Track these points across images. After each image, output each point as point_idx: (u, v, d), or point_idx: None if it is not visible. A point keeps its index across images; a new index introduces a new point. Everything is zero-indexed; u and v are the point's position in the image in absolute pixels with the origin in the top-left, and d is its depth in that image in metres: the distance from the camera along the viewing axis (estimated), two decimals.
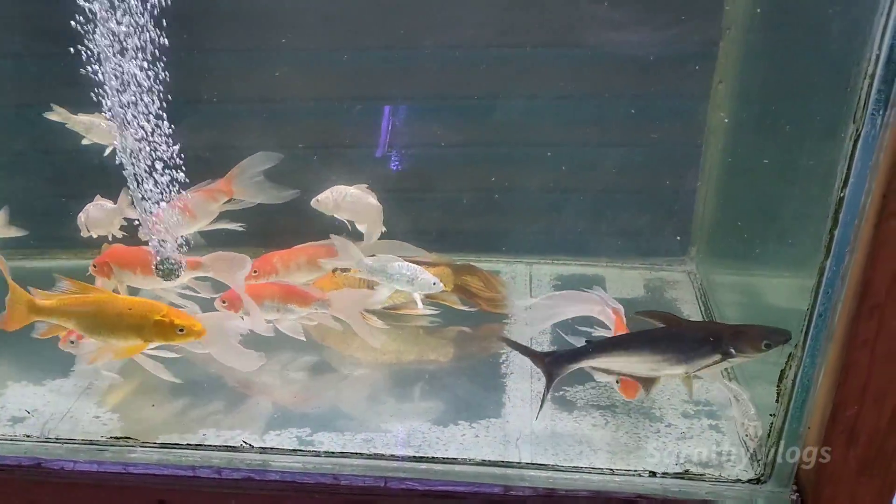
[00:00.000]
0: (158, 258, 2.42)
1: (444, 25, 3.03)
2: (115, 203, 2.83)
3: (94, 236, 2.88)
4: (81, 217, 2.86)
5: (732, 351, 2.10)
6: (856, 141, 1.70)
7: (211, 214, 2.78)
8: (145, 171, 2.41)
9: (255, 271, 2.79)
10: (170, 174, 2.44)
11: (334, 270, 2.92)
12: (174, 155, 2.43)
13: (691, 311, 2.97)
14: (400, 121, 3.24)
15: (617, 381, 2.39)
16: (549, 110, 3.14)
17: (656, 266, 3.26)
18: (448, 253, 3.07)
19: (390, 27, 3.03)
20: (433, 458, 2.28)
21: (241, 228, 2.80)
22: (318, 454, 2.30)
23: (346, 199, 2.85)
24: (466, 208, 3.36)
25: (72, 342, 2.55)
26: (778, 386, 2.06)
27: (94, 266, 2.68)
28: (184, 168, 2.45)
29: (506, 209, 3.33)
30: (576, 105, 3.10)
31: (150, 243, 2.51)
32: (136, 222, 2.67)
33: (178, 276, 2.45)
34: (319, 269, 2.96)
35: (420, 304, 2.79)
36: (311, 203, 2.83)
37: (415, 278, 2.65)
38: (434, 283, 2.65)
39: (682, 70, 2.96)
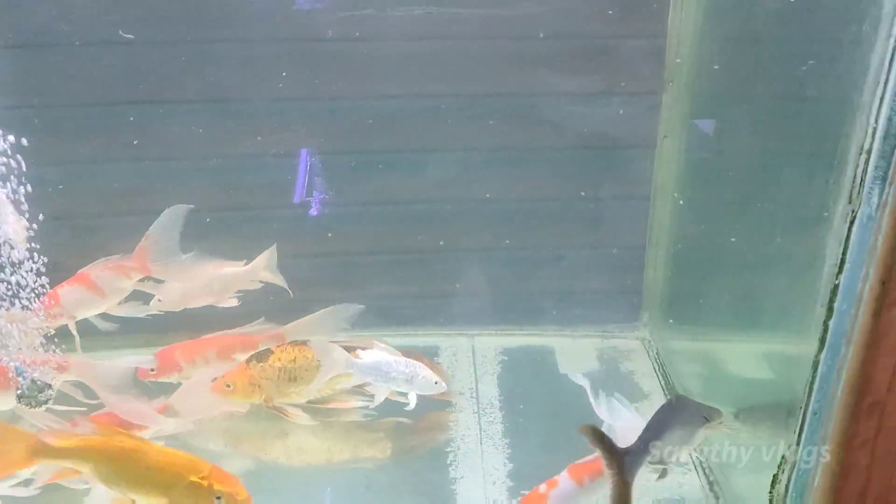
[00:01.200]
0: (22, 381, 1.99)
1: (373, 74, 2.75)
2: None
3: None
4: None
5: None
6: (851, 222, 1.50)
7: (122, 292, 2.45)
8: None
9: (151, 370, 2.47)
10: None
11: (248, 360, 2.55)
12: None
13: (651, 384, 2.72)
14: (319, 171, 2.92)
15: None
16: (488, 164, 2.87)
17: (607, 333, 3.01)
18: (379, 327, 2.74)
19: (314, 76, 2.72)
20: None
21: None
22: None
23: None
24: (397, 273, 3.03)
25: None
26: (770, 492, 1.83)
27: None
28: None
29: (442, 274, 3.02)
30: (516, 158, 2.85)
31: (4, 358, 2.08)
32: None
33: (47, 403, 2.03)
34: (232, 363, 2.63)
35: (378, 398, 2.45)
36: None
37: (414, 377, 2.35)
38: (436, 383, 2.36)
39: (627, 123, 2.77)
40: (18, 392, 2.01)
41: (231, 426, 2.55)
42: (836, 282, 1.55)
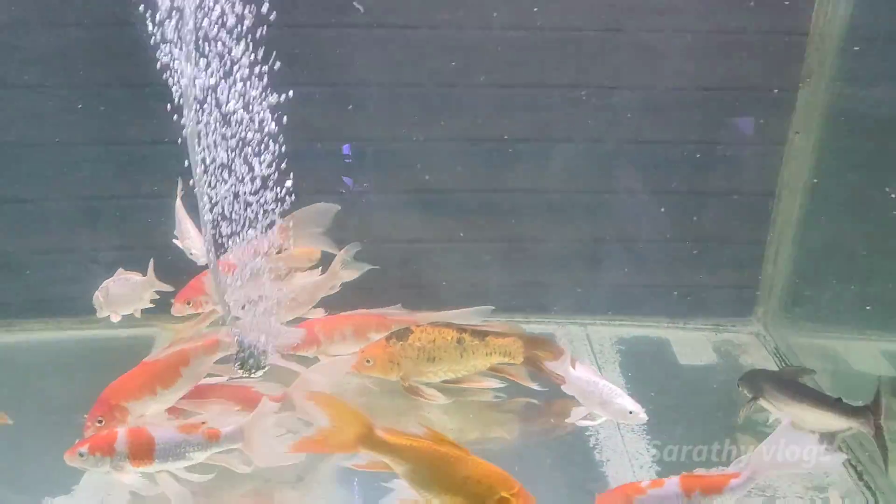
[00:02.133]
0: (239, 349, 1.95)
1: (484, 62, 2.75)
2: (144, 275, 2.41)
3: (115, 318, 2.45)
4: (99, 296, 2.39)
5: None
6: None
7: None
8: None
9: None
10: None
11: (389, 338, 2.59)
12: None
13: None
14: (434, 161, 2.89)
15: None
16: (609, 155, 2.87)
17: (720, 327, 3.03)
18: (493, 313, 2.66)
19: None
20: None
21: None
22: None
23: None
24: (512, 261, 3.03)
25: (81, 454, 2.01)
26: None
27: None
28: None
29: (558, 263, 3.03)
30: (639, 151, 2.86)
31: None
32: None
33: (262, 370, 2.00)
34: (367, 341, 2.64)
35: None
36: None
37: (609, 402, 2.26)
38: (630, 412, 2.25)
39: (756, 117, 2.79)
40: (237, 359, 1.98)
41: (367, 402, 2.54)
42: None
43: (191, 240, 2.53)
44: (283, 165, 2.16)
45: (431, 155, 2.85)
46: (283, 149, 2.14)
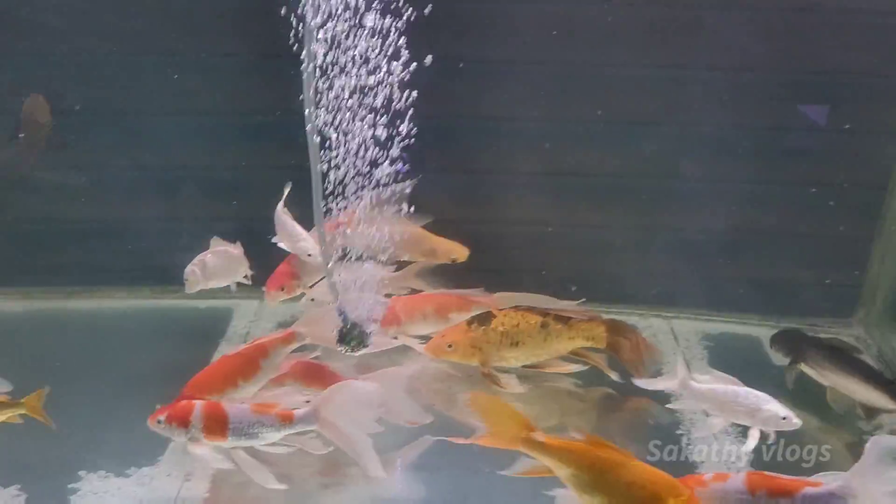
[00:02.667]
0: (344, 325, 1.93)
1: (593, 44, 2.64)
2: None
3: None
4: (195, 270, 2.41)
5: None
6: None
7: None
8: None
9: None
10: None
11: (470, 323, 2.53)
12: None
13: None
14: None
15: None
16: (705, 139, 2.73)
17: (816, 327, 2.83)
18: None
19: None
20: None
21: None
22: None
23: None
24: (593, 249, 2.92)
25: (159, 422, 2.01)
26: None
27: None
28: None
29: (642, 252, 2.90)
30: (738, 135, 2.70)
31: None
32: None
33: (366, 347, 1.97)
34: (447, 321, 2.58)
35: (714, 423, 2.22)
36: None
37: (757, 410, 2.07)
38: (784, 419, 2.06)
39: (873, 105, 2.63)
40: (339, 333, 1.96)
41: (445, 388, 2.49)
42: None
43: (305, 241, 2.48)
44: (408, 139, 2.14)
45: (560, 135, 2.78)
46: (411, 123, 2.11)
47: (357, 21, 1.97)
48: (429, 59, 2.03)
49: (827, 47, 2.57)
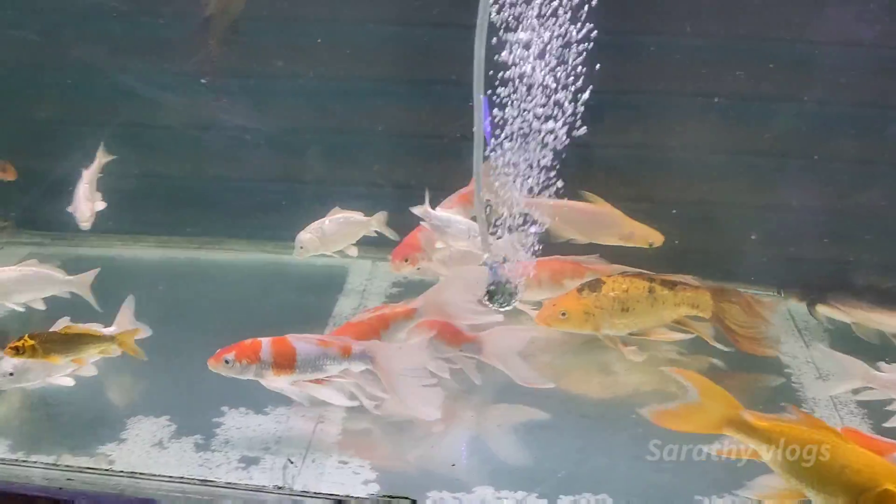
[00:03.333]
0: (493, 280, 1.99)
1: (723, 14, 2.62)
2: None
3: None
4: (311, 237, 2.53)
5: None
6: None
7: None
8: None
9: None
10: None
11: (581, 290, 2.53)
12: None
13: None
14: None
15: None
16: (848, 117, 2.68)
17: None
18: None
19: None
20: None
21: None
22: None
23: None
24: (713, 225, 2.87)
25: (227, 361, 2.05)
26: None
27: None
28: None
29: (768, 229, 2.84)
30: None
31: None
32: None
33: (511, 306, 2.04)
34: (561, 288, 2.62)
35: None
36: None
37: None
38: None
39: None
40: (489, 289, 2.04)
41: (553, 360, 2.49)
42: None
43: (458, 224, 2.53)
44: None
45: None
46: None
47: None
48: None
49: None
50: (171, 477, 1.92)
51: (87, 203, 2.61)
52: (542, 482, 1.96)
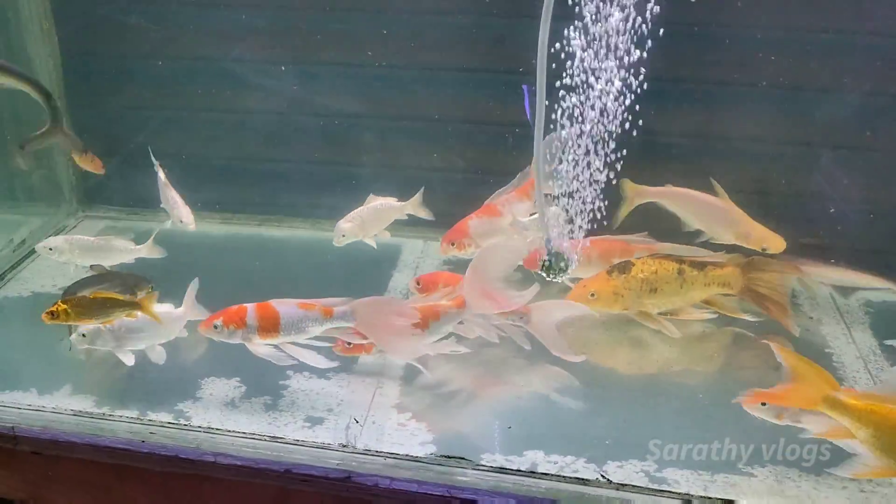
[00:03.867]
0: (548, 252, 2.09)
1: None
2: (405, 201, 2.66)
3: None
4: (350, 225, 2.65)
5: None
6: None
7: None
8: None
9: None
10: None
11: (610, 271, 2.59)
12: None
13: None
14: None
15: None
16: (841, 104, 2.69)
17: None
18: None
19: None
20: None
21: None
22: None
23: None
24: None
25: (216, 326, 2.16)
26: None
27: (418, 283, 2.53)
28: None
29: (809, 214, 2.87)
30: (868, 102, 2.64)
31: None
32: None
33: (564, 274, 2.14)
34: (610, 265, 2.63)
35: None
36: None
37: None
38: None
39: None
40: (544, 261, 2.14)
41: (581, 334, 2.55)
42: None
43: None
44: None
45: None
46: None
47: None
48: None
49: None
50: (243, 433, 2.09)
51: (185, 207, 2.78)
52: (591, 448, 2.08)
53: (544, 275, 2.30)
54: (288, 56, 3.02)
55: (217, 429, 2.10)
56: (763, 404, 1.99)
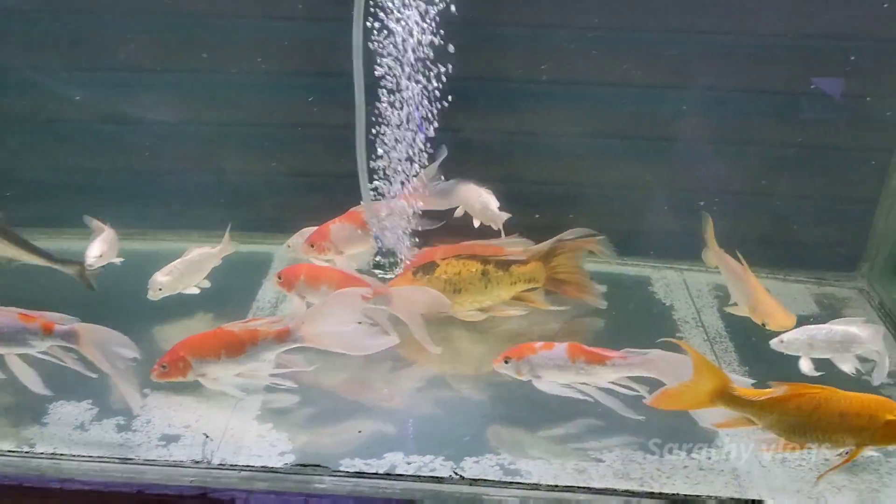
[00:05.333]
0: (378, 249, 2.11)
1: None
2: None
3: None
4: (167, 279, 2.56)
5: None
6: None
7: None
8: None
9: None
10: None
11: (415, 272, 2.62)
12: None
13: None
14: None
15: None
16: (719, 104, 2.87)
17: (822, 281, 3.03)
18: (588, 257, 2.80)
19: None
20: None
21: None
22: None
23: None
24: (611, 205, 3.08)
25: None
26: None
27: (280, 278, 2.52)
28: None
29: (656, 208, 3.06)
30: (751, 99, 2.83)
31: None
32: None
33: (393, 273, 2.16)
34: None
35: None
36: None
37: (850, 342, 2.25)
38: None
39: (879, 71, 2.74)
40: (375, 259, 2.14)
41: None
42: None
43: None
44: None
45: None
46: None
47: None
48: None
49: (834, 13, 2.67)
50: (90, 456, 2.01)
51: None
52: (449, 446, 2.12)
53: (378, 272, 2.31)
54: (102, 63, 2.91)
55: (62, 454, 2.03)
56: (506, 361, 2.20)
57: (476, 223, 2.73)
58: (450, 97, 2.32)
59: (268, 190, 3.05)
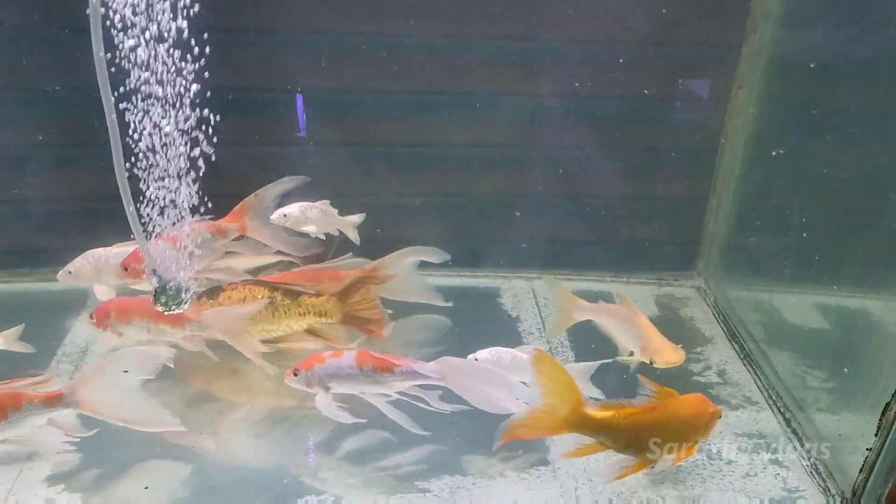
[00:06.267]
0: (158, 285, 1.92)
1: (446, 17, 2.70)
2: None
3: None
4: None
5: None
6: None
7: (216, 252, 2.44)
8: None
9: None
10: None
11: (200, 298, 2.41)
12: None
13: (712, 330, 2.80)
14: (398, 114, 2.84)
15: None
16: (554, 109, 2.85)
17: (663, 281, 3.08)
18: (440, 267, 2.68)
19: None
20: None
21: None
22: None
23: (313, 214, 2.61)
24: (459, 217, 3.01)
25: None
26: (880, 419, 1.93)
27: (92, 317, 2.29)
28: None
29: (503, 218, 3.03)
30: (582, 104, 2.83)
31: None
32: None
33: (181, 307, 1.96)
34: None
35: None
36: (276, 217, 2.53)
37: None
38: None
39: (702, 73, 2.81)
40: (155, 290, 1.94)
41: (180, 359, 2.27)
42: None
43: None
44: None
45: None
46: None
47: None
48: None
49: (663, 20, 2.69)
50: None
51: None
52: (271, 488, 1.98)
53: (162, 308, 2.13)
54: None
55: None
56: (295, 374, 2.07)
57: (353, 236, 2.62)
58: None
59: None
